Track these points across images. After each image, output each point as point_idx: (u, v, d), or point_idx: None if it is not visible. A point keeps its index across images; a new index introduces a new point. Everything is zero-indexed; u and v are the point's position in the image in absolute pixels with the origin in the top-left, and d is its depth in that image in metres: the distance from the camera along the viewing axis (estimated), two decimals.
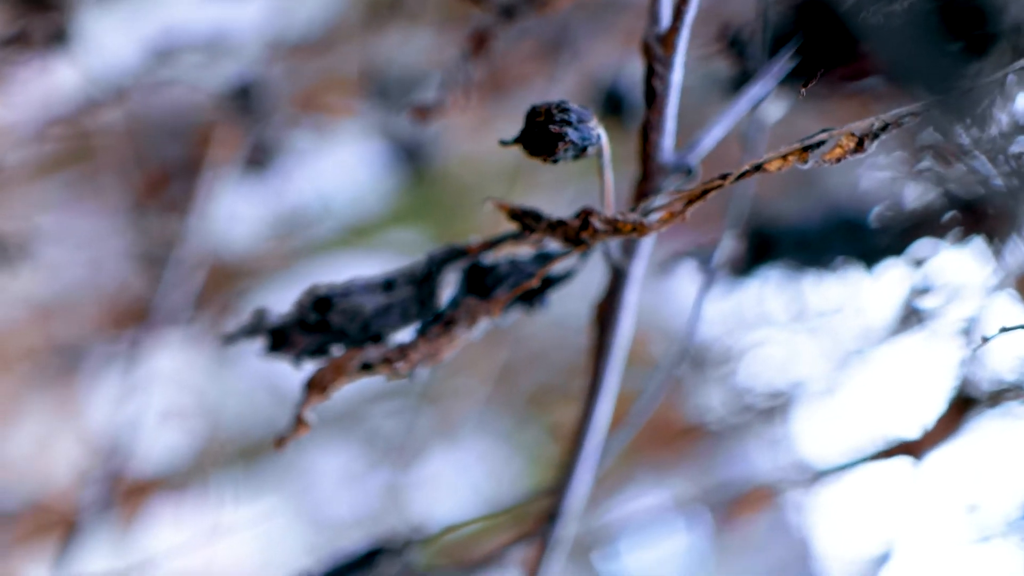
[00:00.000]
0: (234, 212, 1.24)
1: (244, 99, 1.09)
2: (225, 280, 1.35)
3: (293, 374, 0.70)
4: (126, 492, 1.30)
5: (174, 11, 1.18)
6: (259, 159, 1.15)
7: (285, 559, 1.39)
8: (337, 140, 1.32)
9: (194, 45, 1.12)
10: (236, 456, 1.60)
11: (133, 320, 1.35)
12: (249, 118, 1.09)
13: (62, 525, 1.40)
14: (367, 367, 0.63)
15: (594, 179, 0.62)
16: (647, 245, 0.66)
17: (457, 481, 1.54)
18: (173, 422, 1.46)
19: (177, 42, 1.13)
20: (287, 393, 1.67)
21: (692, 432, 1.30)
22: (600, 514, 1.12)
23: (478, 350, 1.45)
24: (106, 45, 1.12)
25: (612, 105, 1.08)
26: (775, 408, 1.19)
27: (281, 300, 1.52)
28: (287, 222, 1.40)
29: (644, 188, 0.63)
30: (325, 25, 1.14)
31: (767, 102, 0.73)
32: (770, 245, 0.99)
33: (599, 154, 0.60)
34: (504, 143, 0.61)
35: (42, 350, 1.53)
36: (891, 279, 0.97)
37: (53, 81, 1.15)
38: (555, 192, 1.35)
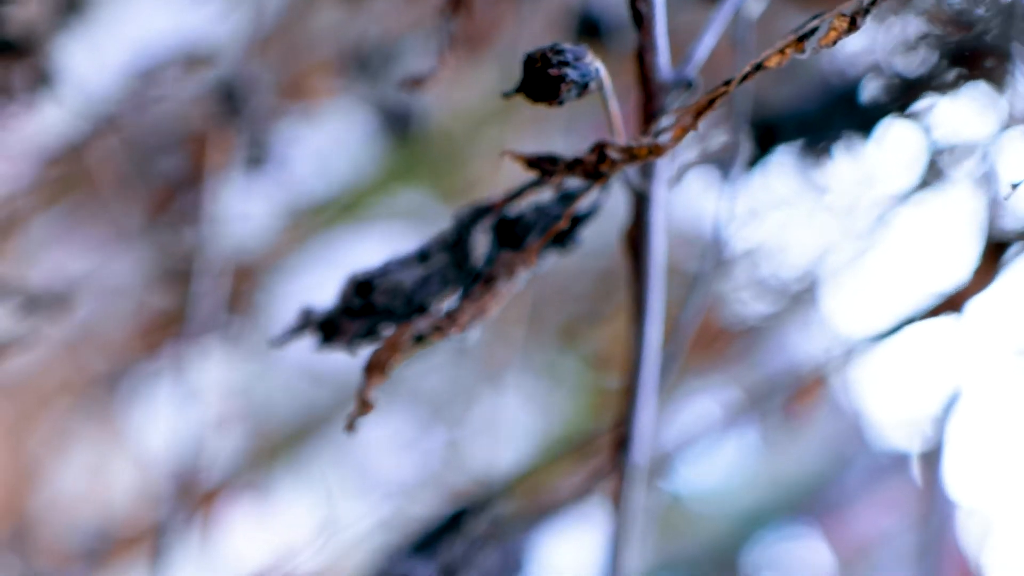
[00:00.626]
0: (242, 211, 1.25)
1: (230, 101, 1.09)
2: (247, 277, 1.36)
3: (329, 358, 0.71)
4: (198, 502, 1.32)
5: (144, 28, 1.19)
6: (256, 156, 1.16)
7: (360, 537, 1.41)
8: (326, 119, 1.33)
9: (171, 57, 1.13)
10: (290, 446, 1.62)
11: (166, 336, 1.36)
12: (239, 118, 1.10)
13: (142, 547, 1.43)
14: (420, 339, 0.65)
15: (580, 109, 0.63)
16: (664, 165, 0.67)
17: (512, 426, 1.56)
18: (225, 425, 1.47)
19: (154, 58, 1.14)
20: (325, 376, 1.69)
21: (730, 333, 1.31)
22: (663, 432, 1.14)
23: None
24: (85, 75, 1.13)
25: (589, 30, 1.09)
26: (808, 291, 1.20)
27: (303, 284, 1.53)
28: (293, 209, 1.40)
29: (650, 109, 0.64)
30: (293, 11, 1.14)
31: (747, 2, 0.74)
32: (774, 133, 0.99)
33: (600, 87, 0.61)
34: (506, 94, 0.62)
35: (80, 381, 1.55)
36: (900, 142, 0.98)
37: (41, 121, 1.16)
38: (546, 127, 1.36)
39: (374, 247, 1.57)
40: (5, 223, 1.34)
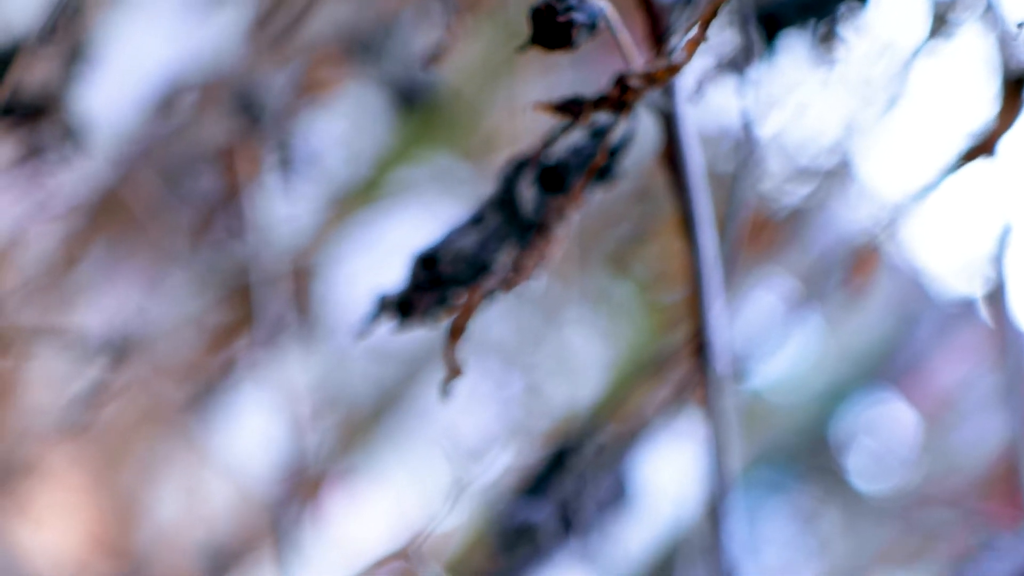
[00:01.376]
0: (281, 212, 1.28)
1: (249, 109, 1.12)
2: (301, 274, 1.40)
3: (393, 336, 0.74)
4: (305, 498, 1.36)
5: (151, 55, 1.22)
6: (284, 157, 1.19)
7: (470, 496, 1.45)
8: (341, 106, 1.35)
9: (183, 79, 1.16)
10: (377, 424, 1.66)
11: (235, 348, 1.39)
12: (261, 125, 1.13)
13: (260, 554, 1.47)
14: (491, 296, 0.67)
15: (581, 49, 0.65)
16: (683, 81, 0.69)
17: (585, 359, 1.59)
18: (314, 419, 1.51)
19: (167, 83, 1.17)
20: (392, 353, 1.72)
21: (776, 223, 1.33)
22: (735, 332, 1.16)
23: None
24: (105, 116, 1.16)
25: None
26: (843, 164, 1.22)
27: (355, 268, 1.56)
28: (330, 198, 1.43)
29: (658, 31, 0.66)
30: (288, 10, 1.16)
31: None
32: (778, 22, 1.01)
33: (608, 24, 0.63)
34: (520, 48, 0.64)
35: (160, 408, 1.58)
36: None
37: (72, 171, 1.19)
38: (552, 72, 1.38)
39: (412, 218, 1.59)
40: (57, 273, 1.38)
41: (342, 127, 1.39)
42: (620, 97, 0.63)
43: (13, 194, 1.19)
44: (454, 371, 0.68)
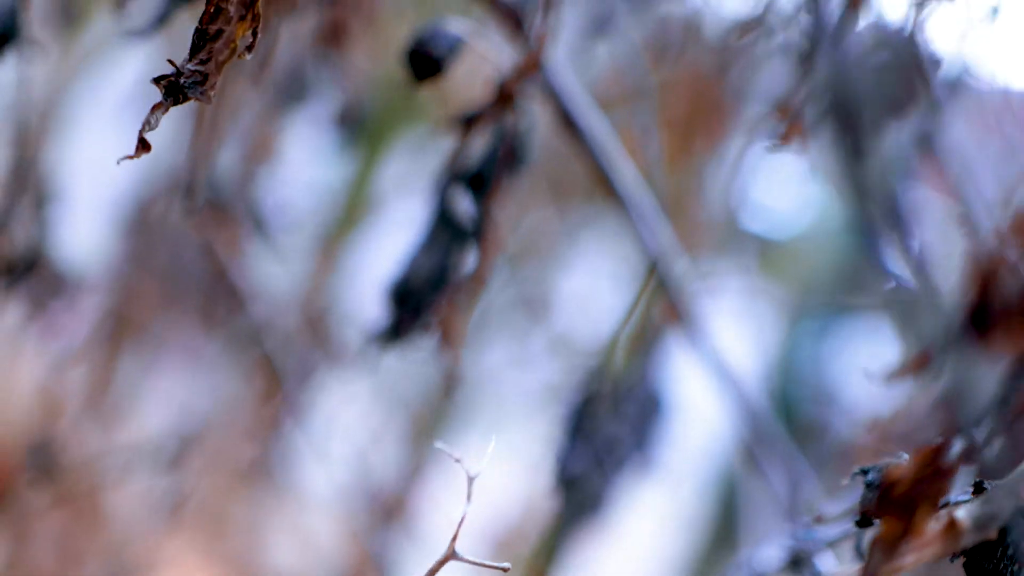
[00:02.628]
0: (273, 268, 1.36)
1: (216, 200, 1.20)
2: (317, 314, 1.48)
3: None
4: (396, 512, 1.45)
5: (111, 173, 1.30)
6: (260, 225, 1.27)
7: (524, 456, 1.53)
8: (290, 155, 1.42)
9: (155, 185, 1.24)
10: (434, 421, 1.73)
11: (281, 402, 1.48)
12: (229, 209, 1.21)
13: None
14: (469, 295, 0.76)
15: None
16: (552, 63, 0.76)
17: (588, 297, 1.64)
18: (378, 438, 1.59)
19: (135, 196, 1.25)
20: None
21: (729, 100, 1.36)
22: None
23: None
24: (85, 244, 1.25)
25: None
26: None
27: (357, 292, 1.63)
28: (311, 239, 1.51)
29: (519, 30, 0.74)
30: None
31: None
32: None
33: (474, 43, 0.71)
34: (407, 86, 0.72)
35: (233, 472, 1.67)
36: None
37: (74, 305, 1.28)
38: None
39: (388, 234, 1.65)
40: (98, 396, 1.47)
41: (299, 173, 1.46)
42: (501, 98, 0.71)
43: (31, 345, 1.27)
44: (452, 380, 0.76)
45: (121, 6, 0.77)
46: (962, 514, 0.50)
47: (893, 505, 0.43)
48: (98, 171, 1.34)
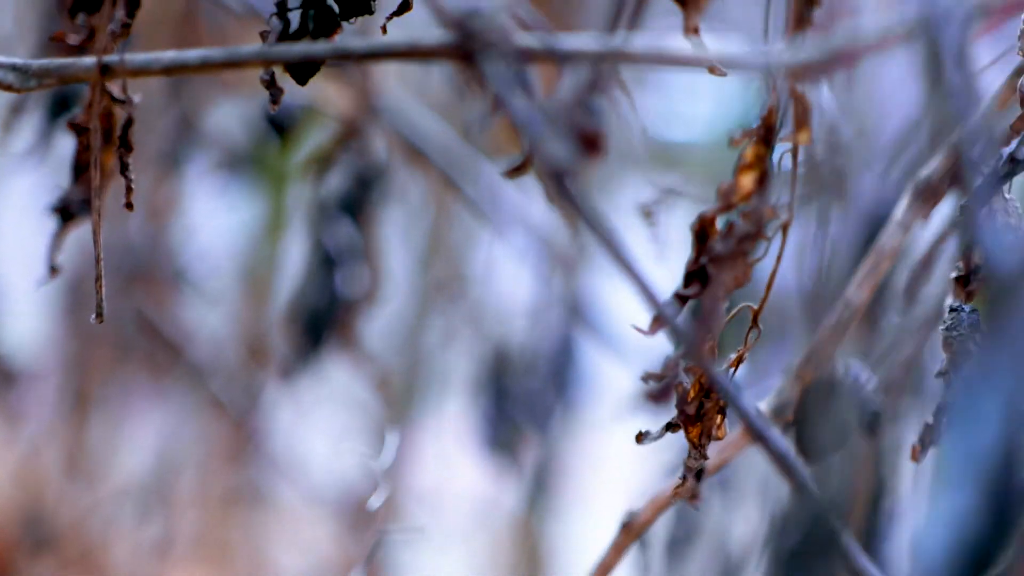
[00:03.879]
0: (207, 314, 1.48)
1: (138, 264, 1.32)
2: (255, 343, 1.59)
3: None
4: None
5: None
6: (182, 278, 1.39)
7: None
8: (198, 204, 1.54)
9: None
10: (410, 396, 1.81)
11: (242, 423, 1.59)
12: (151, 270, 1.33)
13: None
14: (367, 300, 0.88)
15: None
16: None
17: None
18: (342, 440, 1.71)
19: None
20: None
21: None
22: None
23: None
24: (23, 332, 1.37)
25: None
26: None
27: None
28: (234, 276, 1.63)
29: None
30: None
31: None
32: None
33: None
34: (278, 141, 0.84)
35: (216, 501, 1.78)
36: None
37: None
38: None
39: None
40: (69, 458, 1.59)
41: (210, 220, 1.58)
42: (348, 134, 0.82)
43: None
44: (383, 383, 0.88)
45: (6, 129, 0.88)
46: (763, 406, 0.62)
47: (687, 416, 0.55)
48: (25, 262, 1.45)
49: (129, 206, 0.57)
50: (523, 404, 1.14)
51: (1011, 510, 0.32)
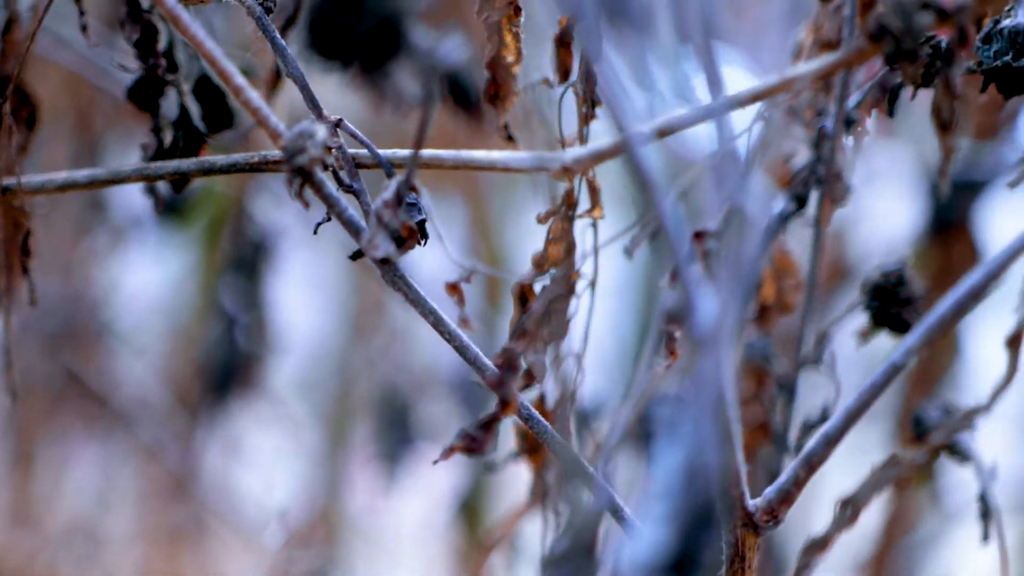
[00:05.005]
0: (134, 363, 1.58)
1: (65, 322, 1.42)
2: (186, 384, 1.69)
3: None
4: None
5: None
6: (107, 330, 1.49)
7: None
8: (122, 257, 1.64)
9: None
10: (352, 418, 1.90)
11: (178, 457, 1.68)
12: (78, 328, 1.43)
13: None
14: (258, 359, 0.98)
15: None
16: None
17: None
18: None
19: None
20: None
21: None
22: None
23: None
24: None
25: None
26: None
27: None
28: (164, 325, 1.72)
29: None
30: None
31: None
32: None
33: None
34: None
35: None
36: None
37: None
38: None
39: None
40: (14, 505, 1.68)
41: (136, 274, 1.67)
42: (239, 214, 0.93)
43: None
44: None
45: None
46: None
47: None
48: None
49: (33, 303, 0.67)
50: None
51: (701, 519, 0.43)
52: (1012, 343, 0.56)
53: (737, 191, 0.43)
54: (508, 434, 0.77)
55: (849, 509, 0.57)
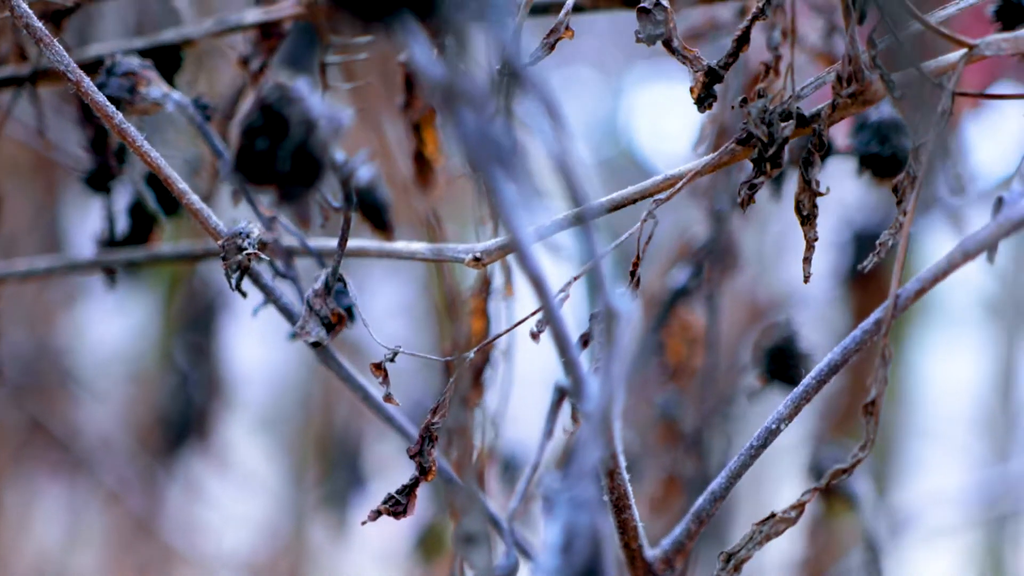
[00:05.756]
0: (96, 409, 1.64)
1: (27, 373, 1.48)
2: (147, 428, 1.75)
3: None
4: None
5: None
6: (69, 378, 1.55)
7: None
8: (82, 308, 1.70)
9: None
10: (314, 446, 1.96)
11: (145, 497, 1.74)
12: (40, 376, 1.49)
13: None
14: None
15: None
16: None
17: None
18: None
19: None
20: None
21: None
22: None
23: None
24: None
25: None
26: None
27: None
28: (124, 371, 1.79)
29: None
30: None
31: None
32: None
33: None
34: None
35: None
36: None
37: None
38: None
39: None
40: None
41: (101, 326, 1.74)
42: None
43: None
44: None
45: None
46: None
47: None
48: None
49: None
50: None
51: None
52: (867, 409, 0.63)
53: (606, 292, 0.50)
54: None
55: (732, 562, 0.64)
